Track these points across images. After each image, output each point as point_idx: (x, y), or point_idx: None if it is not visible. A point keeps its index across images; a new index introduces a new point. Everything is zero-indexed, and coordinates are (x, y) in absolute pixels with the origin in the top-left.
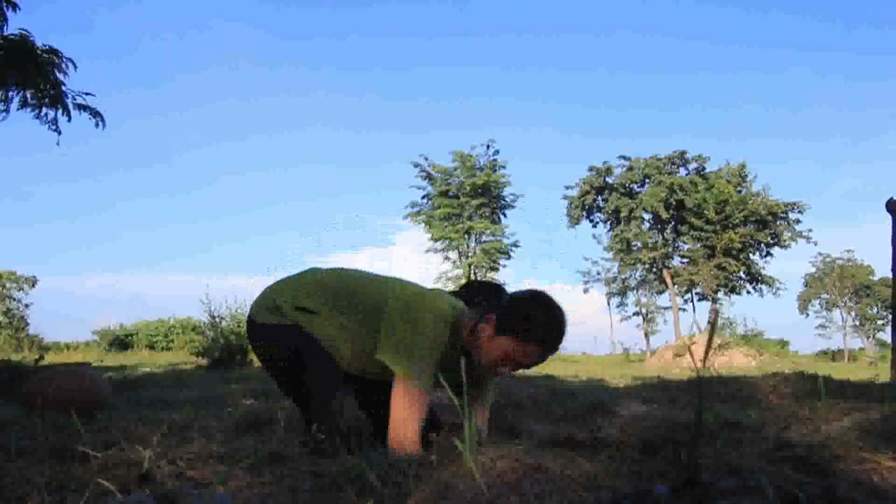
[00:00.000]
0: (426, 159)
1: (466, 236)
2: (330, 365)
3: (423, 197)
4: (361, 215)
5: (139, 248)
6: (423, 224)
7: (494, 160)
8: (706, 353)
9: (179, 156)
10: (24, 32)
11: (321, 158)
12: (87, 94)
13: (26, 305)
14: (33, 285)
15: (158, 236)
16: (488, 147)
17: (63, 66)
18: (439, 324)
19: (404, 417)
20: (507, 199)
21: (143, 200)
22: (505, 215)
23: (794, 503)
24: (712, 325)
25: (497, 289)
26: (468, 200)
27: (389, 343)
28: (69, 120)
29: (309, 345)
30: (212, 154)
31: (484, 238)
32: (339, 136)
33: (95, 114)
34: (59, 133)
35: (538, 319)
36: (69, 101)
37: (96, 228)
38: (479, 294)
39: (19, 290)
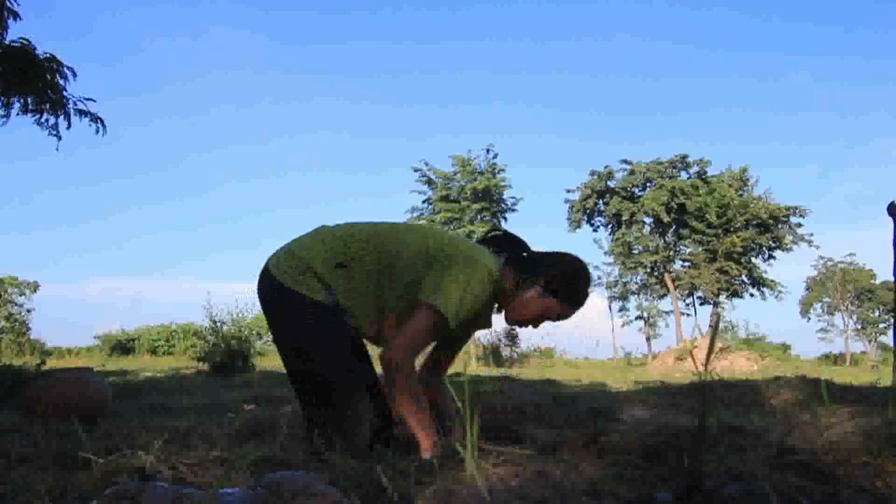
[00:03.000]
0: (427, 164)
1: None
2: (359, 372)
3: (423, 201)
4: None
5: (141, 254)
6: None
7: (494, 164)
8: (708, 357)
9: (181, 161)
10: (24, 41)
11: (323, 164)
12: (87, 99)
13: (28, 310)
14: (35, 290)
15: (160, 242)
16: (488, 151)
17: (63, 73)
18: (487, 283)
19: (414, 339)
20: (507, 202)
21: (145, 206)
22: (506, 219)
23: None
24: (713, 329)
25: (517, 242)
26: (469, 205)
27: (438, 285)
28: (69, 126)
29: (341, 341)
30: (213, 160)
31: None
32: (341, 141)
33: (96, 119)
34: (59, 139)
35: (583, 286)
36: (70, 107)
37: (98, 234)
38: (505, 246)
39: (21, 295)
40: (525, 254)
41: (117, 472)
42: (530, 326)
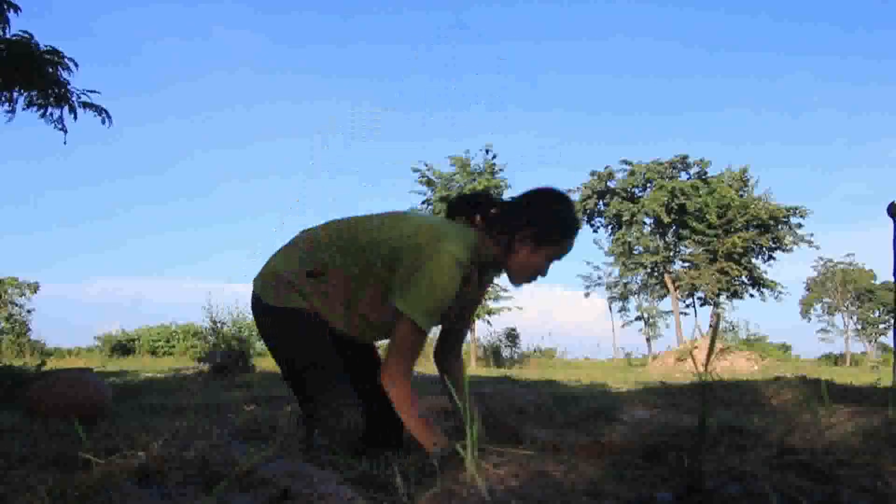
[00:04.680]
0: (426, 165)
1: None
2: (338, 370)
3: (423, 202)
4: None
5: (141, 254)
6: None
7: (493, 164)
8: (708, 358)
9: (181, 162)
10: (25, 34)
11: (323, 165)
12: (91, 91)
13: (28, 311)
14: (35, 291)
15: (160, 242)
16: (487, 152)
17: (65, 66)
18: (455, 269)
19: (404, 356)
20: None
21: (146, 206)
22: None
23: None
24: (714, 330)
25: (480, 200)
26: None
27: (405, 288)
28: (75, 118)
29: (320, 342)
30: (214, 160)
31: None
32: (339, 142)
33: (101, 111)
34: (66, 132)
35: (566, 217)
36: (74, 100)
37: (98, 234)
38: (471, 210)
39: (21, 296)
40: (494, 210)
41: (117, 472)
42: (538, 278)
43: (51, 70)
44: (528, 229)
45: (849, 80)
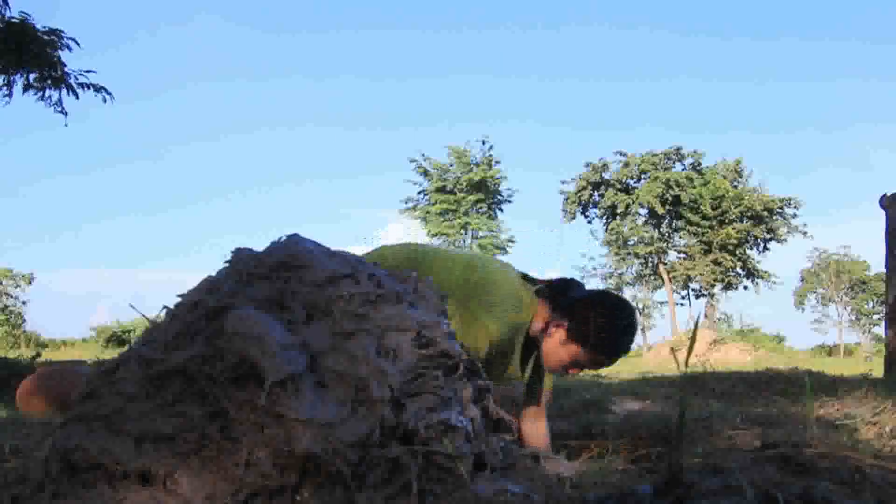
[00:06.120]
0: (423, 155)
1: (463, 232)
2: None
3: (419, 192)
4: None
5: (138, 245)
6: (419, 219)
7: (490, 156)
8: (688, 356)
9: (172, 151)
10: (24, 15)
11: (318, 154)
12: (88, 71)
13: (23, 302)
14: (30, 282)
15: (157, 233)
16: (483, 143)
17: (65, 46)
18: (505, 329)
19: None
20: (503, 194)
21: (141, 197)
22: (501, 210)
23: (772, 503)
24: (695, 326)
25: (568, 282)
26: (464, 196)
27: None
28: (77, 98)
29: None
30: (205, 150)
31: (480, 234)
32: (328, 132)
33: (100, 89)
34: (65, 114)
35: (609, 332)
36: (71, 81)
37: (95, 225)
38: (552, 285)
39: (16, 288)
40: (569, 294)
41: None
42: (571, 373)
43: (49, 51)
44: (567, 319)
45: (843, 69)
